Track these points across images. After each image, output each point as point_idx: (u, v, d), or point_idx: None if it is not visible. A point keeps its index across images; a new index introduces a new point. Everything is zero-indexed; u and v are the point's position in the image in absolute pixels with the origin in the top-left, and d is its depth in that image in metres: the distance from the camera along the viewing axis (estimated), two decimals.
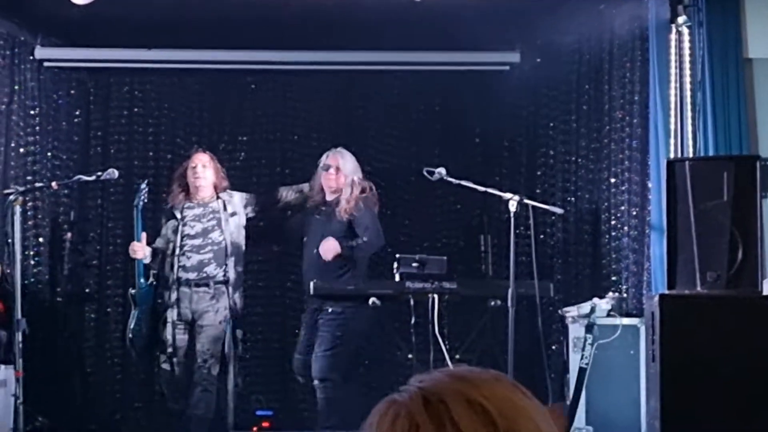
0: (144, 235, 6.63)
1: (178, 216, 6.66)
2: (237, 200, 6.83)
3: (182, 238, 6.58)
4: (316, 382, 6.49)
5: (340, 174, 6.76)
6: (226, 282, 6.53)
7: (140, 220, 6.69)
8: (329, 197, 6.80)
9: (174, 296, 6.47)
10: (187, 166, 6.81)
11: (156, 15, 7.32)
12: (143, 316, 6.53)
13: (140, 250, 6.56)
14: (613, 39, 7.23)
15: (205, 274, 6.53)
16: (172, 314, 6.46)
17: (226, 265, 6.56)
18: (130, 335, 6.60)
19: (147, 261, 6.60)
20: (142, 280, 6.61)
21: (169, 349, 6.44)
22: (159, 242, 6.75)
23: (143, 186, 6.77)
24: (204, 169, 6.76)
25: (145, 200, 6.81)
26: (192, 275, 6.52)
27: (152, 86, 8.34)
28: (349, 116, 8.38)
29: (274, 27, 7.55)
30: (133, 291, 6.67)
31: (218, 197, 6.76)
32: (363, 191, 6.78)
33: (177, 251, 6.55)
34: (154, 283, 6.62)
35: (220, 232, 6.59)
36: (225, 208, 6.70)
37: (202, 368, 6.37)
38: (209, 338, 6.43)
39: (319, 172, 6.87)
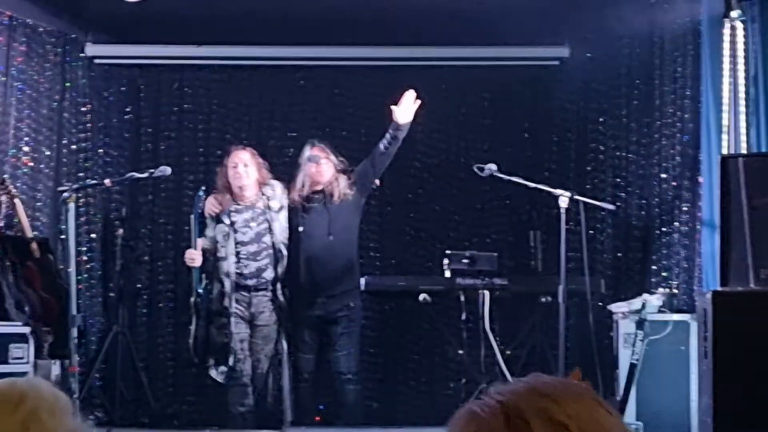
0: (200, 242, 6.46)
1: (227, 221, 6.46)
2: (279, 192, 6.60)
3: (236, 245, 6.42)
4: (349, 376, 6.43)
5: (330, 164, 6.64)
6: (278, 286, 6.47)
7: (197, 228, 6.50)
8: (318, 188, 6.63)
9: (232, 300, 6.38)
10: (228, 165, 6.57)
11: (205, 12, 7.38)
12: (202, 322, 6.43)
13: (197, 258, 6.41)
14: (664, 33, 7.17)
15: (264, 279, 6.42)
16: (231, 318, 6.34)
17: (278, 266, 6.47)
18: (192, 342, 6.47)
19: (198, 265, 6.50)
20: (200, 289, 6.45)
21: (232, 357, 6.33)
22: (205, 243, 6.53)
23: (201, 194, 6.55)
24: (246, 168, 6.53)
25: (202, 208, 6.56)
26: (251, 282, 6.41)
27: (202, 83, 8.39)
28: None
29: (322, 23, 7.57)
30: (192, 299, 6.51)
31: (262, 194, 6.55)
32: (344, 172, 6.68)
33: (231, 258, 6.41)
34: (209, 286, 6.48)
35: (271, 234, 6.46)
36: (270, 206, 6.52)
37: (257, 370, 6.37)
38: (264, 337, 6.42)
39: (305, 165, 6.64)
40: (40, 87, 7.70)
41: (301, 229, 6.55)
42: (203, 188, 6.72)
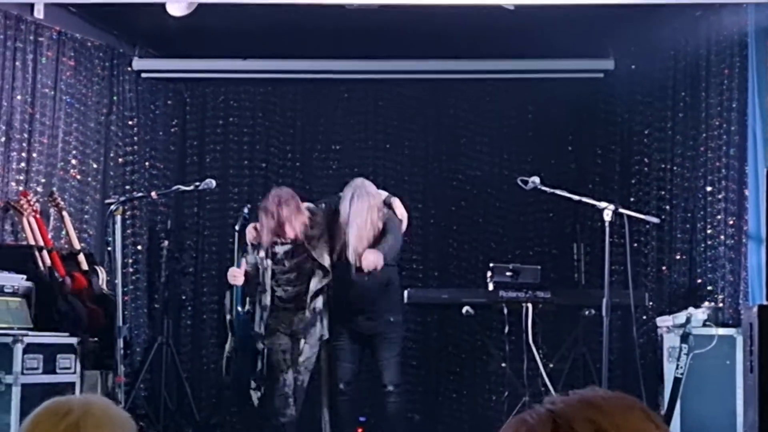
0: (243, 261, 6.37)
1: (264, 254, 6.33)
2: (319, 218, 6.41)
3: (274, 275, 6.33)
4: (390, 388, 6.38)
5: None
6: (322, 294, 6.43)
7: (240, 246, 6.42)
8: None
9: (274, 318, 6.35)
10: (269, 202, 6.28)
11: (250, 26, 7.44)
12: (239, 345, 6.33)
13: (240, 276, 6.32)
14: (710, 45, 7.11)
15: (304, 300, 6.30)
16: (271, 326, 6.31)
17: (322, 291, 6.31)
18: (225, 361, 6.39)
19: (240, 284, 6.45)
20: (240, 308, 6.34)
21: (263, 387, 6.28)
22: (248, 266, 6.42)
23: (245, 211, 6.44)
24: (285, 207, 6.20)
25: (245, 224, 6.40)
26: (290, 305, 6.35)
27: (247, 96, 8.47)
28: (441, 124, 8.41)
29: (366, 36, 7.61)
30: (229, 318, 6.39)
31: (301, 224, 6.29)
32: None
33: (268, 289, 6.32)
34: (251, 311, 6.37)
35: (312, 261, 6.29)
36: (308, 235, 6.29)
37: (297, 382, 6.36)
38: (308, 352, 6.40)
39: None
40: (87, 101, 7.80)
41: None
42: (248, 206, 6.60)
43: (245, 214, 6.47)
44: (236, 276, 6.35)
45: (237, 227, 6.49)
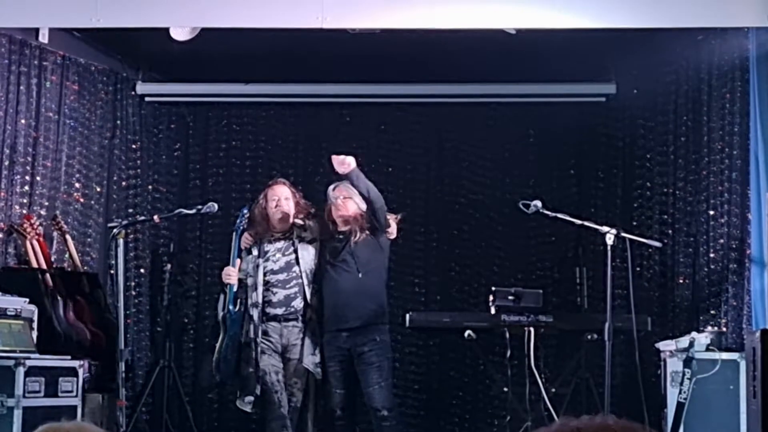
0: (239, 261, 6.52)
1: (256, 252, 6.51)
2: (312, 224, 6.64)
3: (265, 273, 6.46)
4: (384, 413, 6.36)
5: (353, 202, 6.61)
6: (310, 315, 6.45)
7: (237, 245, 6.55)
8: (342, 227, 6.57)
9: (259, 330, 6.40)
10: (268, 198, 6.61)
11: (253, 50, 7.46)
12: (231, 343, 6.42)
13: (234, 275, 6.46)
14: (711, 69, 7.12)
15: (293, 308, 6.42)
16: (262, 347, 6.35)
17: (307, 295, 6.44)
18: (216, 359, 6.48)
19: (236, 288, 6.53)
20: (231, 306, 6.45)
21: (258, 385, 6.33)
22: (240, 273, 6.58)
23: (244, 211, 6.62)
24: (287, 201, 6.59)
25: (245, 226, 6.61)
26: (280, 310, 6.43)
27: (249, 119, 8.49)
28: (443, 148, 8.42)
29: (368, 61, 7.64)
30: (221, 314, 6.51)
31: (295, 225, 6.58)
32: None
33: (260, 287, 6.43)
34: (242, 310, 6.47)
35: (298, 264, 6.47)
36: (302, 237, 6.55)
37: (290, 402, 6.37)
38: (298, 371, 6.42)
39: (331, 203, 6.60)
40: (91, 125, 7.83)
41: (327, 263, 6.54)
42: (247, 206, 6.75)
43: (244, 214, 6.56)
44: (230, 275, 6.47)
45: (235, 227, 6.61)
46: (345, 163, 6.32)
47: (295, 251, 6.50)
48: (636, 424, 1.41)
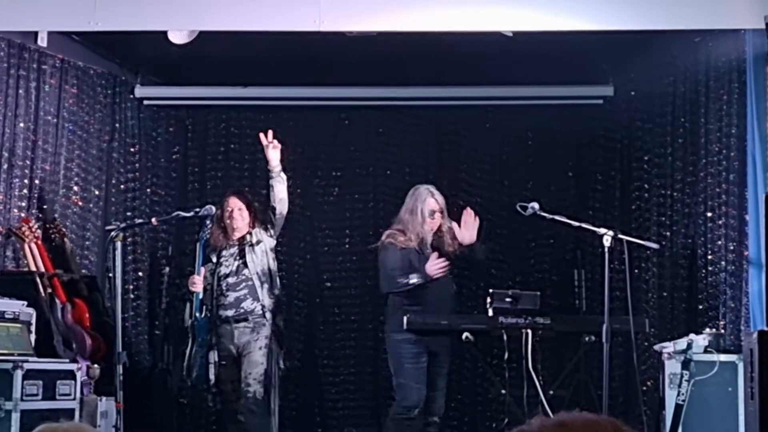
0: (203, 269, 6.71)
1: (214, 259, 6.74)
2: (263, 233, 6.84)
3: (218, 279, 6.68)
4: (437, 419, 6.56)
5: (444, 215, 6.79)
6: (263, 315, 6.63)
7: (202, 255, 6.76)
8: (430, 238, 6.76)
9: (215, 336, 6.59)
10: (225, 209, 6.82)
11: (251, 54, 7.47)
12: (199, 348, 6.62)
13: (199, 283, 6.68)
14: (709, 71, 7.13)
15: (242, 309, 6.63)
16: (213, 355, 6.58)
17: (259, 296, 6.64)
18: (186, 365, 6.67)
19: (201, 295, 6.70)
20: (198, 313, 6.67)
21: (213, 389, 6.64)
22: (205, 282, 6.80)
23: (208, 222, 6.82)
24: (240, 212, 6.80)
25: (209, 235, 6.81)
26: (230, 312, 6.63)
27: (248, 123, 8.49)
28: (441, 150, 8.43)
29: (366, 63, 7.65)
30: (189, 322, 6.71)
31: (250, 234, 6.79)
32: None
33: (215, 293, 6.66)
34: (209, 315, 6.67)
35: (247, 266, 6.69)
36: (250, 241, 6.76)
37: (248, 395, 6.52)
38: (253, 366, 6.56)
39: (420, 216, 6.73)
40: (90, 128, 7.84)
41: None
42: (210, 217, 6.85)
43: (208, 225, 6.71)
44: (196, 283, 6.70)
45: (199, 237, 6.87)
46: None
47: (243, 255, 6.70)
48: (601, 419, 1.42)
